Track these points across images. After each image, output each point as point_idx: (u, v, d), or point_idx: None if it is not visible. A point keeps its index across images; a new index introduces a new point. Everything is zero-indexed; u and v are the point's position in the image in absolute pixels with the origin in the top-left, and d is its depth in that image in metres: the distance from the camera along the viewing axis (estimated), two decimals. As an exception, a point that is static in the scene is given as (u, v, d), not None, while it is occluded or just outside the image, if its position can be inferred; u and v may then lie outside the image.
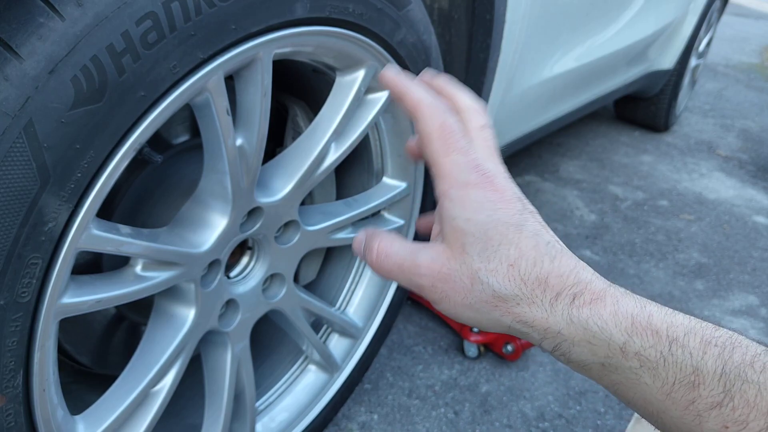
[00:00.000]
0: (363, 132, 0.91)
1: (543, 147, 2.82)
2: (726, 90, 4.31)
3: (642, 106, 3.11)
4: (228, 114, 0.70)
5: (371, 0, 0.79)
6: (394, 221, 1.11)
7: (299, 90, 1.01)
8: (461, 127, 0.45)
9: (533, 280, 0.41)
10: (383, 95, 0.91)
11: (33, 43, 0.51)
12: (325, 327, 1.15)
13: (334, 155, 0.89)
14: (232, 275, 0.90)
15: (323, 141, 0.86)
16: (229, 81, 0.70)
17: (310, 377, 1.14)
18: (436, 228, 0.47)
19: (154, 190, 0.86)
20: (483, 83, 1.18)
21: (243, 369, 0.93)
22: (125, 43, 0.55)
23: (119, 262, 0.75)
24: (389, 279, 0.45)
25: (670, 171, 2.83)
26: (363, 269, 1.16)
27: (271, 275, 0.93)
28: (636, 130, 3.25)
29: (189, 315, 0.80)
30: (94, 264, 0.85)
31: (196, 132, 0.93)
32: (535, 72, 1.47)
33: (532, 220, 0.43)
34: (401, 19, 0.86)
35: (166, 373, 0.80)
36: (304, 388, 1.13)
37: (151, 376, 0.77)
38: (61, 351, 0.91)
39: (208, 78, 0.64)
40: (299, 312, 1.00)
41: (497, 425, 1.34)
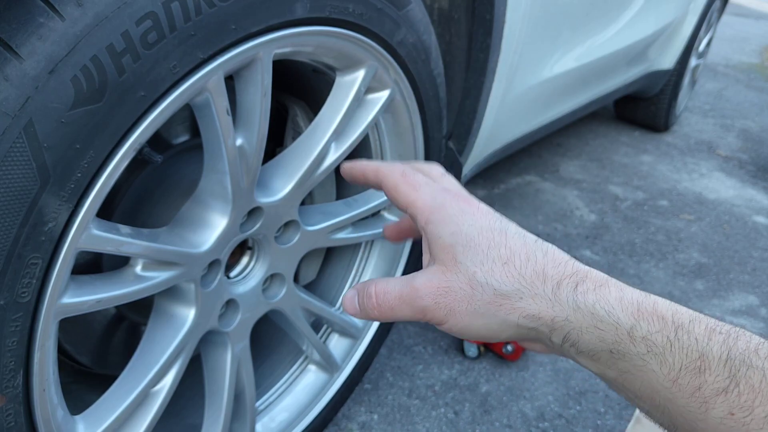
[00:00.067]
0: (363, 132, 0.91)
1: (543, 147, 2.82)
2: (726, 90, 4.31)
3: (642, 106, 3.11)
4: (228, 114, 0.70)
5: (371, 0, 0.79)
6: (393, 221, 1.11)
7: (299, 90, 1.01)
8: (423, 174, 0.49)
9: (530, 273, 0.42)
10: (383, 95, 0.91)
11: (33, 43, 0.51)
12: (325, 327, 1.15)
13: (334, 155, 0.89)
14: (232, 275, 0.90)
15: (323, 141, 0.86)
16: (229, 81, 0.70)
17: (310, 377, 1.14)
18: (425, 258, 0.48)
19: (154, 190, 0.86)
20: (483, 83, 1.18)
21: (243, 369, 0.93)
22: (125, 43, 0.55)
23: (119, 262, 0.75)
24: (394, 318, 0.46)
25: (670, 171, 2.83)
26: (363, 269, 1.16)
27: (271, 275, 0.93)
28: (636, 130, 3.25)
29: (189, 315, 0.80)
30: (94, 264, 0.85)
31: (196, 132, 0.93)
32: (535, 72, 1.47)
33: (513, 226, 0.45)
34: (401, 19, 0.86)
35: (166, 373, 0.80)
36: (304, 388, 1.13)
37: (151, 376, 0.77)
38: (61, 351, 0.91)
39: (208, 78, 0.64)
40: (299, 312, 1.00)
41: (497, 425, 1.34)
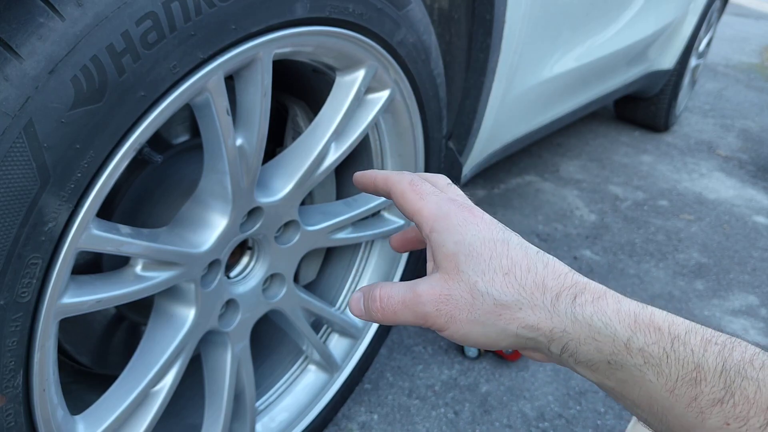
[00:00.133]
0: (363, 132, 0.91)
1: (543, 147, 2.82)
2: (726, 90, 4.31)
3: (642, 106, 3.11)
4: (228, 114, 0.70)
5: (371, 0, 0.79)
6: (393, 221, 1.11)
7: (299, 90, 1.01)
8: (429, 184, 0.50)
9: (530, 284, 0.43)
10: (383, 95, 0.91)
11: (33, 43, 0.51)
12: (325, 327, 1.15)
13: (334, 155, 0.89)
14: (232, 275, 0.90)
15: (323, 141, 0.86)
16: (229, 81, 0.70)
17: (310, 377, 1.14)
18: (429, 265, 0.49)
19: (154, 190, 0.86)
20: (483, 83, 1.18)
21: (243, 369, 0.93)
22: (125, 43, 0.55)
23: (119, 262, 0.75)
24: (396, 322, 0.47)
25: (670, 171, 2.83)
26: (363, 269, 1.16)
27: (271, 275, 0.93)
28: (636, 130, 3.25)
29: (189, 315, 0.80)
30: (94, 264, 0.85)
31: (196, 132, 0.93)
32: (535, 72, 1.47)
33: (515, 237, 0.46)
34: (401, 19, 0.86)
35: (166, 373, 0.80)
36: (304, 388, 1.13)
37: (151, 376, 0.77)
38: (61, 351, 0.91)
39: (208, 78, 0.64)
40: (299, 312, 1.00)
41: (497, 425, 1.34)
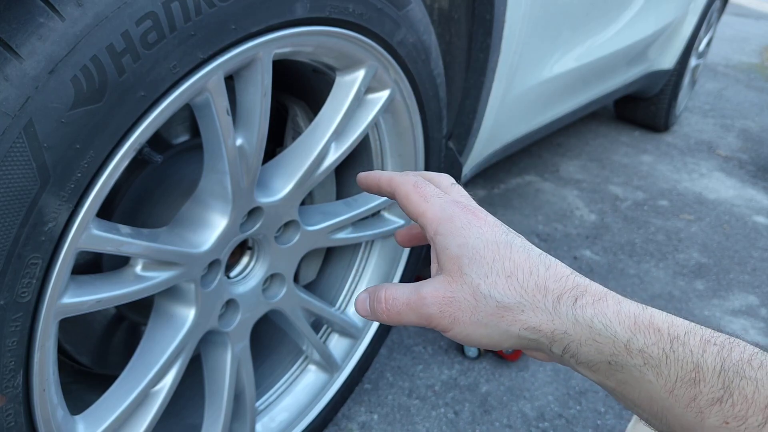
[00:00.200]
0: (363, 132, 0.91)
1: (543, 147, 2.82)
2: (726, 90, 4.31)
3: (642, 106, 3.11)
4: (228, 114, 0.70)
5: (371, 0, 0.79)
6: (394, 221, 1.11)
7: (299, 90, 1.01)
8: (433, 186, 0.51)
9: (532, 287, 0.43)
10: (383, 95, 0.91)
11: (33, 43, 0.51)
12: (325, 327, 1.15)
13: (334, 155, 0.89)
14: (232, 275, 0.90)
15: (323, 141, 0.86)
16: (229, 81, 0.70)
17: (310, 377, 1.14)
18: (434, 267, 0.50)
19: (154, 190, 0.86)
20: (483, 83, 1.18)
21: (243, 369, 0.93)
22: (125, 43, 0.55)
23: (119, 262, 0.75)
24: (400, 322, 0.48)
25: (670, 171, 2.83)
26: (363, 269, 1.16)
27: (271, 275, 0.93)
28: (636, 130, 3.25)
29: (189, 315, 0.80)
30: (94, 264, 0.85)
31: (196, 132, 0.93)
32: (535, 72, 1.47)
33: (519, 239, 0.46)
34: (401, 19, 0.86)
35: (166, 373, 0.80)
36: (304, 388, 1.13)
37: (151, 376, 0.77)
38: (61, 351, 0.91)
39: (208, 78, 0.64)
40: (299, 312, 1.00)
41: (497, 425, 1.34)
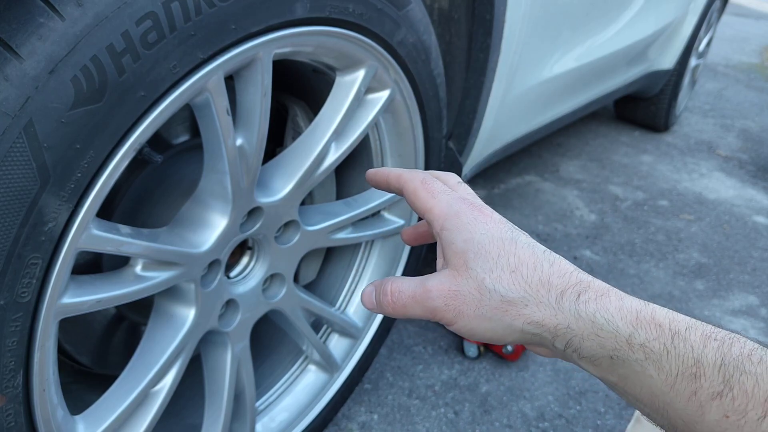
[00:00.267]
0: (363, 132, 0.91)
1: (543, 147, 2.82)
2: (726, 90, 4.31)
3: (642, 106, 3.11)
4: (228, 114, 0.70)
5: (371, 0, 0.79)
6: (394, 221, 1.11)
7: (299, 90, 1.01)
8: (441, 183, 0.52)
9: (536, 282, 0.44)
10: (383, 95, 0.91)
11: (33, 43, 0.51)
12: (325, 327, 1.15)
13: (334, 155, 0.89)
14: (232, 275, 0.90)
15: (323, 141, 0.86)
16: (229, 81, 0.70)
17: (310, 377, 1.14)
18: (439, 262, 0.51)
19: (154, 190, 0.86)
20: (483, 83, 1.18)
21: (243, 369, 0.93)
22: (125, 43, 0.55)
23: (119, 262, 0.75)
24: (406, 315, 0.49)
25: (670, 171, 2.83)
26: (363, 269, 1.16)
27: (271, 275, 0.93)
28: (636, 130, 3.25)
29: (189, 315, 0.80)
30: (94, 264, 0.85)
31: (196, 132, 0.93)
32: (535, 72, 1.47)
33: (523, 236, 0.47)
34: (401, 19, 0.86)
35: (166, 373, 0.80)
36: (304, 388, 1.13)
37: (151, 376, 0.77)
38: (61, 351, 0.91)
39: (208, 78, 0.64)
40: (299, 312, 1.00)
41: (497, 425, 1.34)
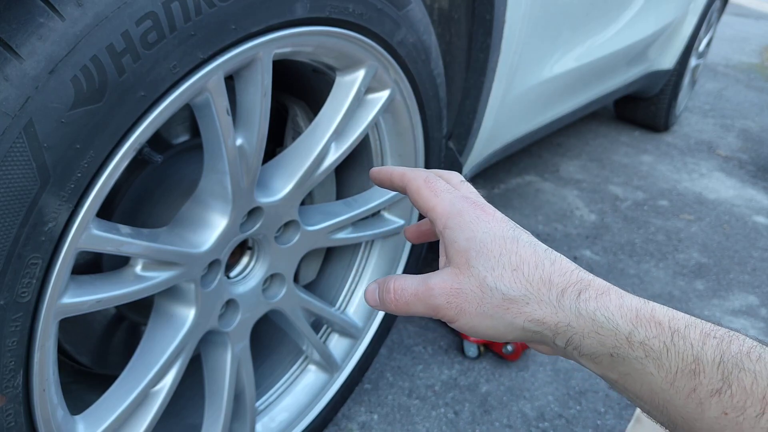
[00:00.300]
0: (363, 132, 0.91)
1: (543, 147, 2.82)
2: (726, 90, 4.31)
3: (642, 106, 3.11)
4: (228, 114, 0.70)
5: (371, 0, 0.79)
6: (394, 221, 1.11)
7: (299, 90, 1.01)
8: (444, 181, 0.52)
9: (537, 280, 0.45)
10: (383, 95, 0.91)
11: (33, 43, 0.51)
12: (325, 327, 1.15)
13: (334, 155, 0.89)
14: (232, 275, 0.90)
15: (323, 141, 0.86)
16: (229, 81, 0.70)
17: (310, 377, 1.14)
18: (442, 260, 0.51)
19: (154, 190, 0.86)
20: (483, 83, 1.18)
21: (243, 369, 0.93)
22: (125, 43, 0.55)
23: (119, 262, 0.75)
24: (408, 312, 0.50)
25: (670, 171, 2.83)
26: (363, 269, 1.16)
27: (271, 275, 0.93)
28: (636, 130, 3.25)
29: (189, 315, 0.80)
30: (94, 264, 0.85)
31: (196, 132, 0.93)
32: (535, 72, 1.47)
33: (525, 235, 0.48)
34: (401, 19, 0.86)
35: (166, 373, 0.80)
36: (304, 388, 1.13)
37: (151, 376, 0.77)
38: (61, 351, 0.91)
39: (208, 78, 0.64)
40: (299, 312, 1.00)
41: (497, 425, 1.34)
